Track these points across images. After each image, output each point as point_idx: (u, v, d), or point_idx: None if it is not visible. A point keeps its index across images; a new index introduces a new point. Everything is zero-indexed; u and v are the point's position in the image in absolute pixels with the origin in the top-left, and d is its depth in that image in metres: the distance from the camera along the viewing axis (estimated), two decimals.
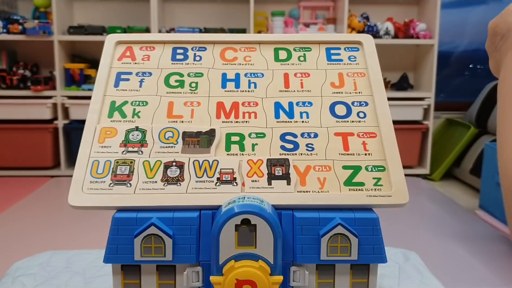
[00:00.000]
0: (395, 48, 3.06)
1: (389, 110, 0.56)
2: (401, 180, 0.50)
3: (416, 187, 2.69)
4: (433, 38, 2.86)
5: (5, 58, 2.93)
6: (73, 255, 0.79)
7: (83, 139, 0.52)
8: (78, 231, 1.92)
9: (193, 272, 0.46)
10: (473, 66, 3.45)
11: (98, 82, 0.57)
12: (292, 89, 0.58)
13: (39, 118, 2.78)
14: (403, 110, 2.82)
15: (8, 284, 0.70)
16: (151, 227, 0.45)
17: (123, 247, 0.45)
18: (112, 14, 3.11)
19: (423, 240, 1.88)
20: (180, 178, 0.49)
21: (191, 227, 0.46)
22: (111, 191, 0.48)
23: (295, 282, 0.46)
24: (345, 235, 0.45)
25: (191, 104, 0.56)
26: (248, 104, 0.56)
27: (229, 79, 0.58)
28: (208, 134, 0.53)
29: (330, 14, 3.09)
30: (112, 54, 0.60)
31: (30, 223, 2.03)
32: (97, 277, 0.72)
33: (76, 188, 0.48)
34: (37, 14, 2.92)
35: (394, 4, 3.17)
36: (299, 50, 0.62)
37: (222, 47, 0.62)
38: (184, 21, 3.12)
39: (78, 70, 2.87)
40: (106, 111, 0.55)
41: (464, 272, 1.59)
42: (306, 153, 0.52)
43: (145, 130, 0.53)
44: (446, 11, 3.13)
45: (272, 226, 0.43)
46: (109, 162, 0.51)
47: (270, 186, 0.49)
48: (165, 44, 0.62)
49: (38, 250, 0.83)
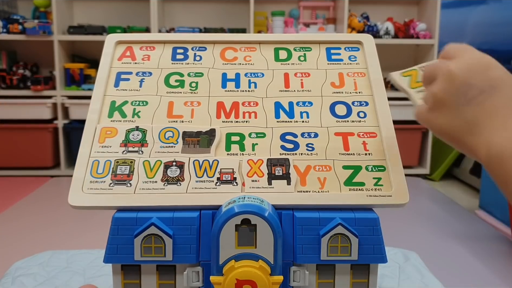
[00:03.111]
0: (395, 48, 3.06)
1: (390, 110, 0.56)
2: (401, 180, 0.50)
3: (416, 187, 2.69)
4: (433, 38, 2.86)
5: (5, 58, 2.93)
6: (73, 255, 0.79)
7: (83, 139, 0.52)
8: (78, 231, 1.92)
9: (193, 272, 0.46)
10: None
11: (98, 82, 0.57)
12: (292, 89, 0.58)
13: (39, 118, 2.78)
14: (403, 110, 2.82)
15: (8, 284, 0.70)
16: (151, 227, 0.45)
17: (123, 247, 0.45)
18: (112, 14, 3.11)
19: (423, 240, 1.88)
20: (180, 177, 0.49)
21: (191, 227, 0.46)
22: (111, 191, 0.48)
23: (295, 282, 0.46)
24: (345, 235, 0.45)
25: (191, 104, 0.56)
26: (248, 104, 0.56)
27: (229, 79, 0.58)
28: (208, 134, 0.53)
29: (330, 14, 3.09)
30: (112, 54, 0.60)
31: (30, 222, 2.03)
32: (97, 277, 0.72)
33: (76, 188, 0.48)
34: (37, 14, 2.92)
35: (394, 4, 3.17)
36: (299, 50, 0.62)
37: (222, 47, 0.62)
38: (184, 21, 3.12)
39: (78, 70, 2.87)
40: (106, 111, 0.55)
41: (464, 272, 1.59)
42: (306, 152, 0.52)
43: (145, 130, 0.53)
44: (446, 11, 3.13)
45: (272, 226, 0.43)
46: (109, 161, 0.51)
47: (270, 186, 0.49)
48: (165, 44, 0.62)
49: (38, 250, 0.83)
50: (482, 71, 0.41)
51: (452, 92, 0.42)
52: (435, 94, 0.43)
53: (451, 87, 0.41)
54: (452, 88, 0.41)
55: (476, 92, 0.40)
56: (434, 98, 0.43)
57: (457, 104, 0.41)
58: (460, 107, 0.41)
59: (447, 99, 0.42)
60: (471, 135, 0.41)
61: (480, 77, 0.41)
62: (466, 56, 0.43)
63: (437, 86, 0.42)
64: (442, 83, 0.42)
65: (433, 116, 0.43)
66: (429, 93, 0.44)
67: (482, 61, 0.42)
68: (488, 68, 0.41)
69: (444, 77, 0.42)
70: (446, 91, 0.42)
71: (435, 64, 0.44)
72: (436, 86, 0.43)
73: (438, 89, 0.42)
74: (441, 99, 0.42)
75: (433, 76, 0.44)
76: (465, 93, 0.41)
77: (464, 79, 0.41)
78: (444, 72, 0.42)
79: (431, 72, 0.44)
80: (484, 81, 0.40)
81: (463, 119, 0.41)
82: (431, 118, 0.44)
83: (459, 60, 0.42)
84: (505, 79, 0.41)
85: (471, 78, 0.41)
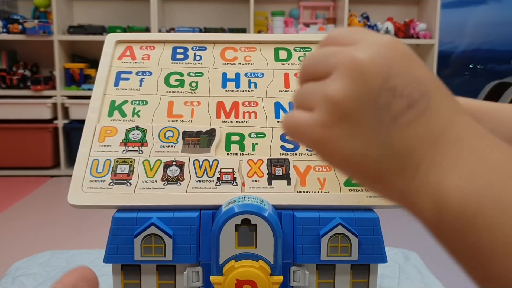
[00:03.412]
0: None
1: None
2: None
3: None
4: (433, 38, 2.86)
5: (5, 58, 2.93)
6: (73, 255, 0.79)
7: (83, 138, 0.52)
8: (78, 231, 1.92)
9: (193, 272, 0.46)
10: (473, 66, 3.45)
11: (98, 81, 0.57)
12: (292, 89, 0.58)
13: (39, 118, 2.78)
14: None
15: (8, 284, 0.70)
16: (151, 227, 0.45)
17: (123, 247, 0.45)
18: (112, 14, 3.11)
19: (423, 240, 1.88)
20: (180, 177, 0.49)
21: (191, 227, 0.46)
22: (110, 190, 0.48)
23: (295, 282, 0.46)
24: (346, 235, 0.45)
25: (191, 104, 0.56)
26: (248, 104, 0.56)
27: (229, 79, 0.58)
28: (208, 134, 0.53)
29: (330, 14, 3.09)
30: (112, 53, 0.60)
31: (30, 222, 2.03)
32: (97, 277, 0.71)
33: (75, 187, 0.48)
34: (37, 14, 2.92)
35: (394, 4, 3.17)
36: (300, 50, 0.62)
37: (222, 47, 0.62)
38: (184, 21, 3.12)
39: (78, 70, 2.87)
40: (106, 110, 0.55)
41: None
42: (306, 153, 0.52)
43: (145, 129, 0.53)
44: (446, 11, 3.13)
45: (272, 226, 0.43)
46: (109, 161, 0.50)
47: (270, 186, 0.49)
48: (165, 43, 0.62)
49: (38, 250, 0.83)
50: (404, 65, 0.27)
51: (364, 99, 0.26)
52: (334, 99, 0.26)
53: (362, 88, 0.26)
54: (363, 91, 0.26)
55: (403, 104, 0.26)
56: (332, 105, 0.27)
57: (376, 121, 0.26)
58: (382, 127, 0.26)
59: (356, 110, 0.26)
60: (402, 175, 0.26)
61: (405, 77, 0.26)
62: (372, 40, 0.27)
63: (337, 86, 0.26)
64: (345, 82, 0.26)
65: (333, 136, 0.27)
66: (320, 96, 0.27)
67: (398, 49, 0.27)
68: (409, 60, 0.27)
69: (347, 72, 0.26)
70: (353, 96, 0.26)
71: (328, 51, 0.29)
72: (335, 85, 0.27)
73: (339, 91, 0.26)
74: (346, 109, 0.26)
75: (325, 70, 0.28)
76: (388, 104, 0.26)
77: (383, 77, 0.26)
78: (347, 63, 0.27)
79: (323, 62, 0.29)
80: (411, 84, 0.26)
81: (388, 147, 0.26)
82: (330, 139, 0.27)
83: (365, 45, 0.27)
84: (433, 81, 0.27)
85: (392, 76, 0.26)
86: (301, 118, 0.28)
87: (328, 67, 0.28)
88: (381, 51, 0.27)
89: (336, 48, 0.29)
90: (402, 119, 0.25)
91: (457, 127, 0.25)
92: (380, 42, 0.27)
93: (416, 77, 0.26)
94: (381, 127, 0.26)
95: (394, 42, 0.27)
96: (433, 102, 0.26)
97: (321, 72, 0.28)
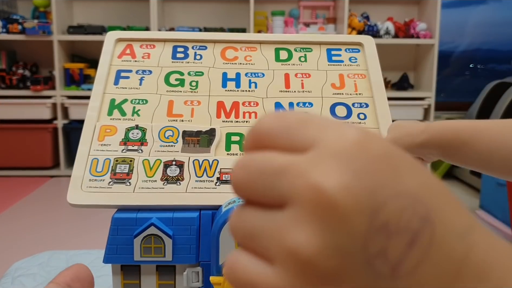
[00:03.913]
0: (396, 48, 3.06)
1: (390, 112, 0.55)
2: None
3: None
4: (434, 38, 2.86)
5: (4, 58, 2.92)
6: (72, 255, 0.78)
7: (82, 137, 0.52)
8: (78, 231, 1.91)
9: (193, 272, 0.45)
10: (474, 66, 3.45)
11: (98, 80, 0.57)
12: (292, 90, 0.58)
13: (38, 118, 2.78)
14: (403, 110, 2.82)
15: (7, 284, 0.70)
16: (151, 227, 0.44)
17: (123, 247, 0.45)
18: (112, 14, 3.11)
19: None
20: (180, 177, 0.49)
21: (191, 227, 0.45)
22: (110, 189, 0.48)
23: None
24: None
25: (191, 103, 0.56)
26: (248, 104, 0.56)
27: (229, 79, 0.58)
28: (208, 134, 0.53)
29: (330, 13, 3.09)
30: (112, 52, 0.60)
31: (29, 223, 2.03)
32: (97, 277, 0.71)
33: (75, 186, 0.48)
34: (36, 14, 2.92)
35: (394, 4, 3.17)
36: (300, 51, 0.62)
37: (222, 46, 0.62)
38: (184, 21, 3.12)
39: (77, 70, 2.86)
40: (105, 109, 0.55)
41: None
42: None
43: (145, 128, 0.53)
44: (446, 10, 3.13)
45: None
46: (109, 160, 0.50)
47: None
48: (166, 42, 0.62)
49: (37, 250, 0.83)
50: (391, 178, 0.18)
51: (346, 252, 0.17)
52: (303, 257, 0.17)
53: (341, 238, 0.17)
54: (343, 242, 0.17)
55: (403, 244, 0.17)
56: (302, 265, 0.18)
57: (371, 277, 0.18)
58: (380, 283, 0.18)
59: (338, 268, 0.17)
60: None
61: (396, 200, 0.18)
62: (332, 145, 0.19)
63: (303, 237, 0.18)
64: (314, 228, 0.17)
65: None
66: (279, 247, 0.18)
67: (373, 151, 0.18)
68: (392, 164, 0.19)
69: (312, 210, 0.17)
70: (330, 251, 0.17)
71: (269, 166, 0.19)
72: (299, 235, 0.18)
73: (307, 243, 0.17)
74: (324, 269, 0.17)
75: (270, 195, 0.19)
76: (383, 250, 0.17)
77: (368, 213, 0.17)
78: (308, 195, 0.18)
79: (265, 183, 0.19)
80: (406, 210, 0.18)
81: None
82: None
83: (327, 160, 0.18)
84: (431, 189, 0.19)
85: (379, 206, 0.17)
86: (257, 275, 0.19)
87: (275, 192, 0.19)
88: (355, 167, 0.18)
89: (280, 158, 0.19)
90: (406, 266, 0.17)
91: (477, 255, 0.19)
92: (346, 147, 0.18)
93: (409, 193, 0.18)
94: (380, 283, 0.18)
95: (364, 142, 0.18)
96: (438, 227, 0.18)
97: (265, 198, 0.19)
